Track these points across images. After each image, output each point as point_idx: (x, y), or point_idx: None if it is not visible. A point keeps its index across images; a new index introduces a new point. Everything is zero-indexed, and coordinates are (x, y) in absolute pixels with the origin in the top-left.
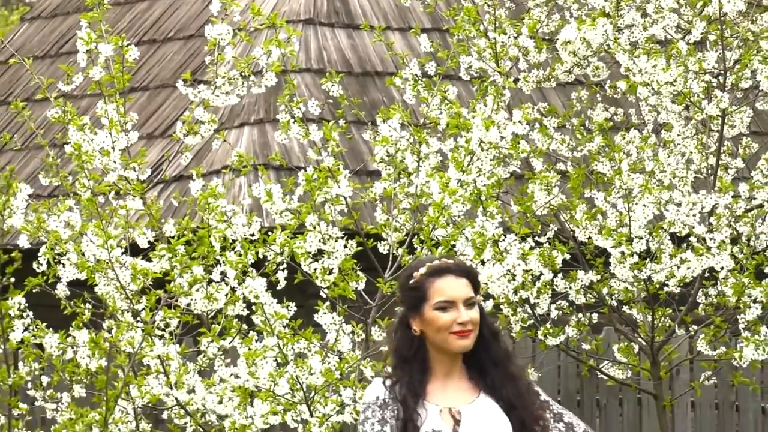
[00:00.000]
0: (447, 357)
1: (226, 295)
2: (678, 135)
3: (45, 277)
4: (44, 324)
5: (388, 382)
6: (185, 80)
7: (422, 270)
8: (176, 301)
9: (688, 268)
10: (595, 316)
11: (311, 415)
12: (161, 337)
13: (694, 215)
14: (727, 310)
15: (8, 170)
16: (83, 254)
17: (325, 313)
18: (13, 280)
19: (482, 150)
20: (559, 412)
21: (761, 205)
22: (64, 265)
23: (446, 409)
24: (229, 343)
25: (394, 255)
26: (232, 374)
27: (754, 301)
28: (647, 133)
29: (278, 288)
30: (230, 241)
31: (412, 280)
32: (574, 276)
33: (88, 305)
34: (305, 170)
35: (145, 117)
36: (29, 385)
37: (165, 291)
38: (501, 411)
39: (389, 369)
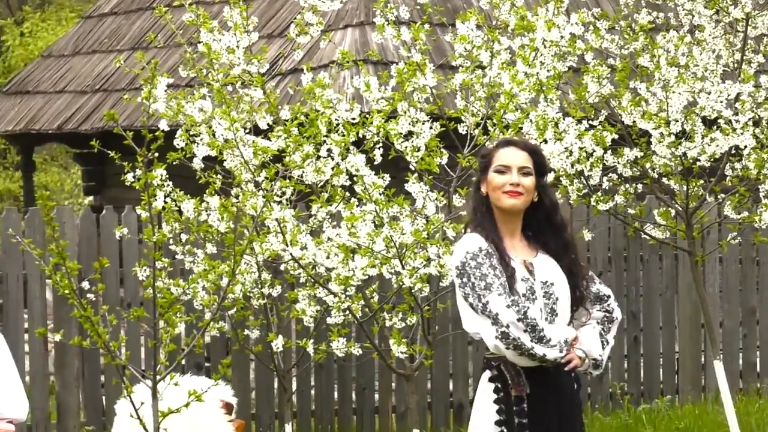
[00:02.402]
0: (508, 217)
1: (332, 168)
2: (709, 35)
3: (183, 153)
4: (182, 192)
5: (483, 236)
6: None
7: (495, 143)
8: (291, 173)
9: (717, 146)
10: (639, 186)
11: (403, 268)
12: (279, 203)
13: (722, 101)
14: (749, 181)
15: (153, 64)
16: (214, 134)
17: (414, 183)
18: (156, 155)
19: (545, 47)
20: (591, 275)
21: None
22: (198, 144)
23: (521, 261)
24: (335, 208)
25: (471, 135)
26: (337, 234)
27: None
28: (683, 34)
29: (375, 162)
30: (335, 124)
31: (485, 150)
32: (621, 152)
33: (218, 176)
34: (397, 65)
35: (265, 20)
36: (171, 242)
37: (281, 165)
38: (556, 265)
39: (469, 227)
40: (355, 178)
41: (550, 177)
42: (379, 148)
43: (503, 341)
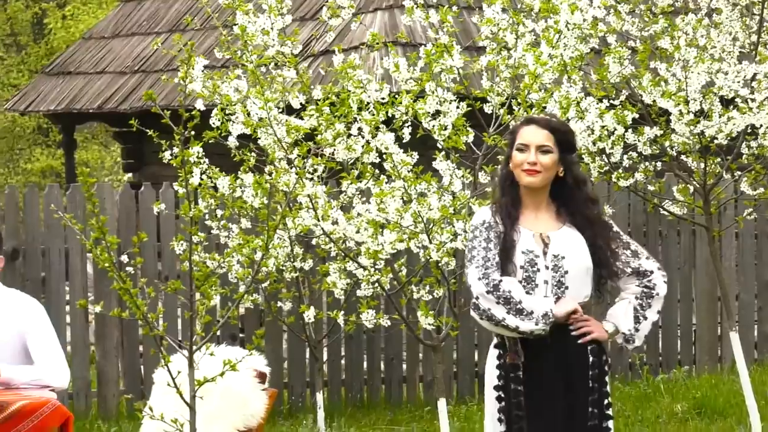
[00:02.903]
0: (531, 191)
1: (362, 146)
2: (726, 18)
3: (218, 132)
4: (217, 169)
5: (492, 210)
6: None
7: (520, 121)
8: (322, 151)
9: (734, 125)
10: (658, 163)
11: (430, 242)
12: (311, 179)
13: (739, 81)
14: (765, 158)
15: (189, 46)
16: (248, 114)
17: (441, 161)
18: (192, 133)
19: (568, 30)
20: (627, 242)
21: None
22: (233, 123)
23: (538, 234)
24: (365, 184)
25: (496, 114)
26: (366, 209)
27: None
28: (701, 17)
29: (404, 141)
30: (365, 103)
31: (512, 127)
32: (641, 131)
33: (252, 154)
34: (425, 46)
35: (298, 3)
36: (206, 217)
37: (313, 143)
38: (581, 237)
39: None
40: (384, 156)
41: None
42: (407, 127)
43: (476, 312)
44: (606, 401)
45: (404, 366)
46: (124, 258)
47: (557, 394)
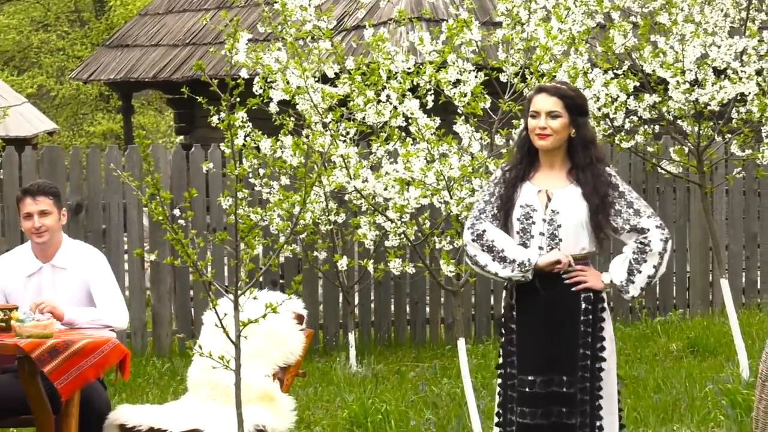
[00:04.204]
0: (546, 153)
1: (390, 111)
2: None
3: (260, 98)
4: (260, 131)
5: (504, 168)
6: None
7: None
8: (354, 115)
9: (725, 93)
10: (657, 127)
11: (451, 198)
12: (344, 141)
13: (730, 54)
14: (753, 123)
15: (235, 21)
16: (287, 82)
17: (461, 125)
18: (237, 100)
19: (575, 6)
20: (631, 201)
21: None
22: (273, 90)
23: (544, 191)
24: (392, 146)
25: (511, 83)
26: (394, 169)
27: None
28: None
29: (427, 107)
30: (393, 73)
31: (528, 96)
32: (641, 98)
33: (291, 118)
34: (447, 22)
35: None
36: (250, 175)
37: (346, 108)
38: (581, 196)
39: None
40: (410, 120)
41: None
42: (431, 94)
43: (466, 257)
44: (599, 345)
45: (427, 309)
46: (177, 212)
47: (543, 336)
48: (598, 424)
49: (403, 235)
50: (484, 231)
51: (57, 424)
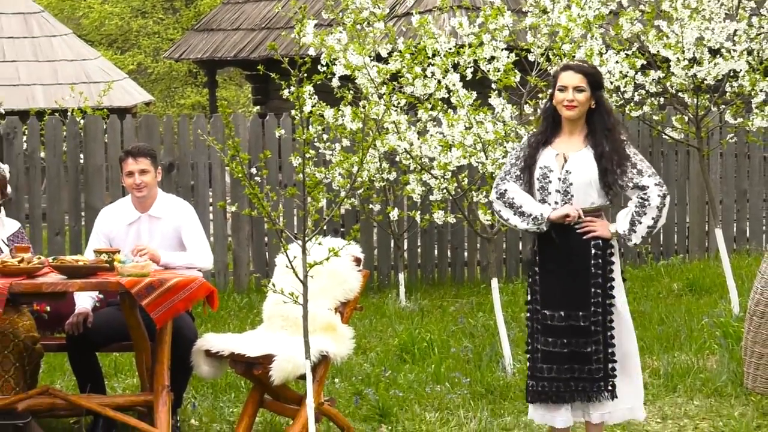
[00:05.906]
0: (569, 122)
1: (435, 85)
2: None
3: (325, 74)
4: (324, 102)
5: (529, 135)
6: None
7: (559, 67)
8: (404, 88)
9: (719, 69)
10: (661, 99)
11: (486, 158)
12: (395, 110)
13: (723, 36)
14: (744, 95)
15: (303, 8)
16: (348, 60)
17: (495, 97)
18: (305, 75)
19: None
20: (635, 162)
21: (766, 31)
22: (336, 66)
23: (561, 154)
24: (437, 114)
25: (537, 62)
26: (438, 132)
27: (761, 90)
28: None
29: (467, 80)
30: (437, 51)
31: (554, 72)
32: (648, 74)
33: (350, 91)
34: (483, 9)
35: None
36: (315, 139)
37: (397, 82)
38: (593, 158)
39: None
40: (451, 92)
41: None
42: (469, 69)
43: (493, 212)
44: (609, 284)
45: (465, 253)
46: (254, 170)
47: (561, 278)
48: (610, 351)
49: (445, 190)
50: (506, 190)
51: (153, 349)
